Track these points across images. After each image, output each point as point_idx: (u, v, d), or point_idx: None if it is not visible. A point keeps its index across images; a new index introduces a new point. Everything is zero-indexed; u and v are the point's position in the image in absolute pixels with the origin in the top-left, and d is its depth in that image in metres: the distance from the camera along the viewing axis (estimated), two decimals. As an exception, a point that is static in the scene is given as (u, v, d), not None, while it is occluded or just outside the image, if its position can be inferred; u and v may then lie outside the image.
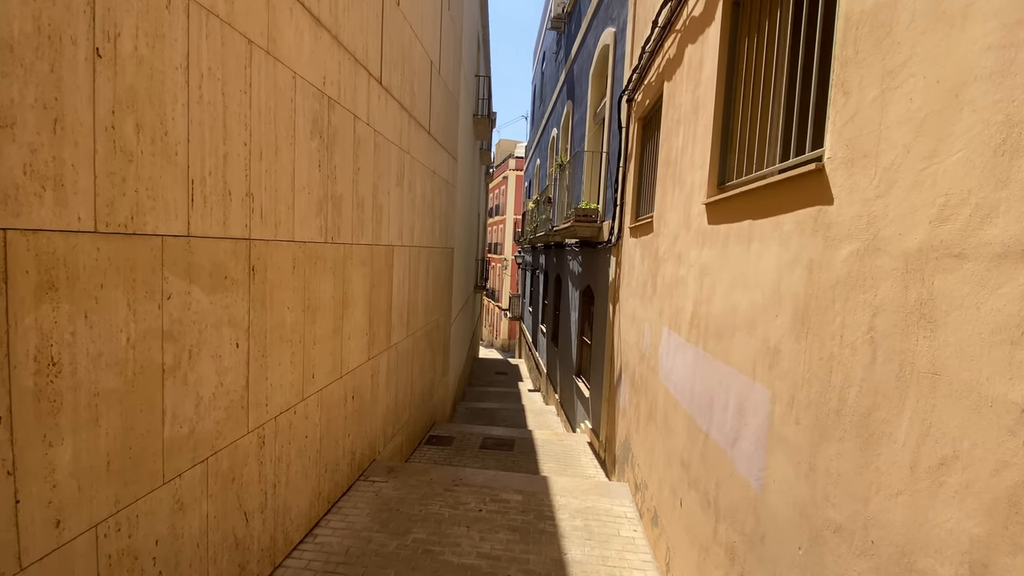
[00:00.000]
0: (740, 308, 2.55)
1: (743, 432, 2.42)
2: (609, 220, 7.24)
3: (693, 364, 3.26)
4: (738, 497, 2.44)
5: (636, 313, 5.33)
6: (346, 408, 4.52)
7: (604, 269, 7.53)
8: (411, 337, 6.59)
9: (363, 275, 4.73)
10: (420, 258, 6.83)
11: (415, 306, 6.69)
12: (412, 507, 4.49)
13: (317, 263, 3.80)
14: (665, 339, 4.06)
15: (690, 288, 3.43)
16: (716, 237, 2.99)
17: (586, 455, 7.31)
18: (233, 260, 2.82)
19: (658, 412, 4.19)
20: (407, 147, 5.89)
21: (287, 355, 3.43)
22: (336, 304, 4.17)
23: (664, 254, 4.22)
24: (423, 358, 7.37)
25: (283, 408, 3.42)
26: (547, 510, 4.57)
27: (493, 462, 6.81)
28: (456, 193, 9.38)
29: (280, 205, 3.25)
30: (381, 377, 5.43)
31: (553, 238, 11.73)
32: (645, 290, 4.93)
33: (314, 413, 3.89)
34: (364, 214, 4.67)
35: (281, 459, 3.45)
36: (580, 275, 9.56)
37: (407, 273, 6.19)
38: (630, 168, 6.20)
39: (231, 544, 2.97)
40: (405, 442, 6.62)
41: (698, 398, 3.12)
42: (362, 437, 5.00)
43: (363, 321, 4.80)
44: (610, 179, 7.39)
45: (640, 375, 4.98)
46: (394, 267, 5.65)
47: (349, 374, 4.53)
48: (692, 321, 3.33)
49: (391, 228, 5.47)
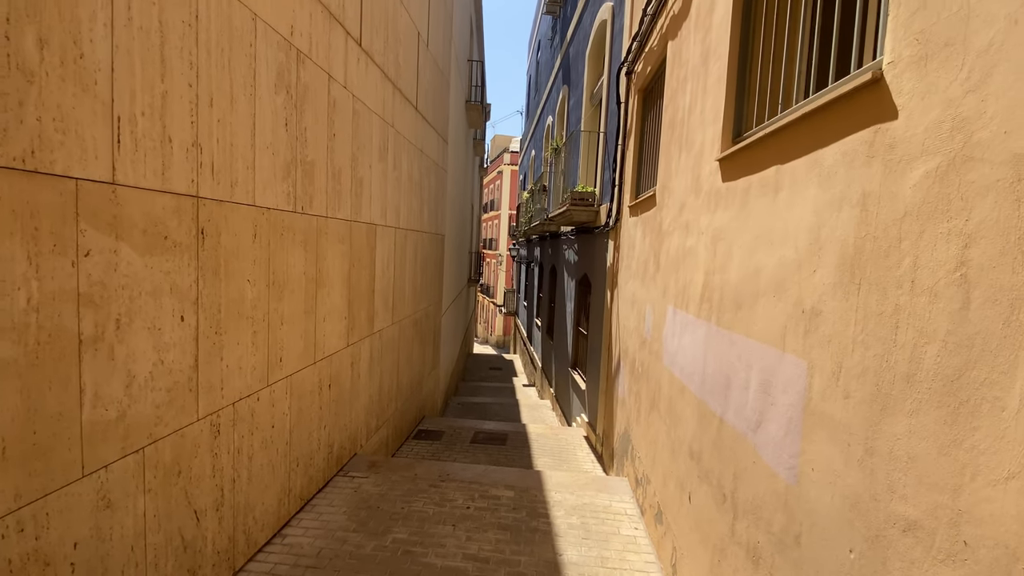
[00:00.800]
0: (764, 270, 2.19)
1: (769, 414, 2.06)
2: (607, 203, 6.88)
3: (704, 342, 2.89)
4: (763, 490, 2.08)
5: (636, 296, 4.96)
6: (321, 397, 4.14)
7: (601, 255, 7.17)
8: (397, 325, 6.21)
9: (340, 253, 4.35)
10: (407, 241, 6.45)
11: (401, 292, 6.31)
12: (394, 504, 4.11)
13: (284, 234, 3.42)
14: (670, 319, 3.70)
15: (700, 258, 3.07)
16: (732, 195, 2.62)
17: (582, 449, 6.95)
18: (175, 219, 2.43)
19: (661, 400, 3.83)
20: (391, 120, 5.50)
21: (247, 334, 3.05)
22: (308, 282, 3.79)
23: (669, 227, 3.85)
24: (411, 348, 7.00)
25: (243, 394, 3.04)
26: (541, 507, 4.20)
27: (484, 457, 6.44)
28: (447, 178, 8.99)
29: (237, 163, 2.87)
30: (363, 365, 5.05)
31: (548, 227, 11.36)
32: (647, 270, 4.57)
33: (282, 401, 3.51)
34: (341, 186, 4.28)
35: (241, 451, 3.07)
36: (576, 264, 9.19)
37: (392, 256, 5.81)
38: (629, 144, 5.84)
39: (177, 547, 2.59)
40: (391, 436, 6.24)
41: (710, 380, 2.76)
42: (341, 429, 4.62)
43: (341, 303, 4.42)
44: (608, 160, 7.03)
45: (641, 362, 4.61)
46: (377, 248, 5.27)
47: (325, 360, 4.15)
48: (703, 295, 2.97)
49: (373, 205, 5.08)
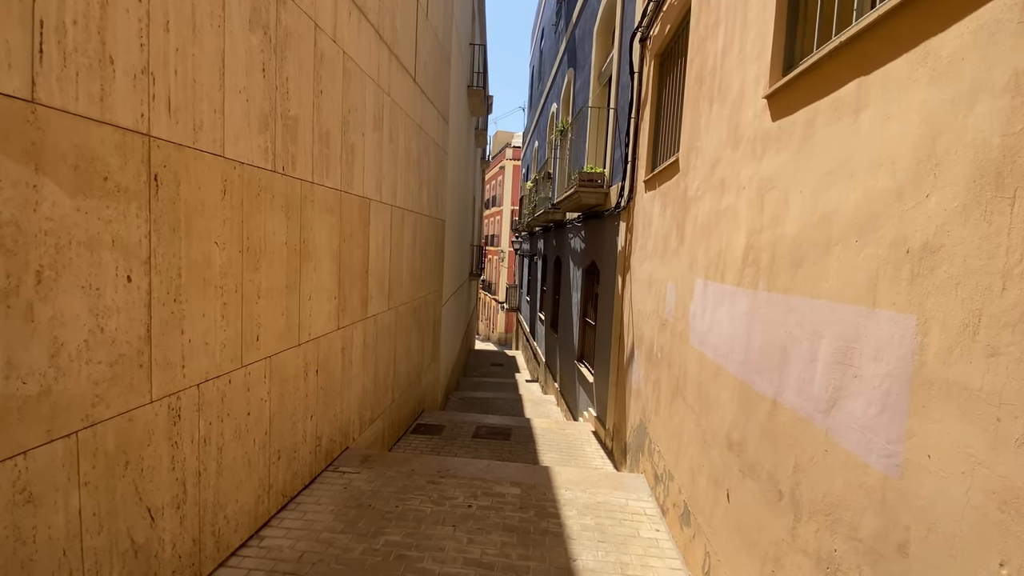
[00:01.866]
0: (840, 212, 1.77)
1: (850, 389, 1.65)
2: (618, 182, 6.46)
3: (748, 313, 2.48)
4: (841, 485, 1.66)
5: (654, 276, 4.55)
6: (307, 384, 3.73)
7: (611, 239, 6.75)
8: (394, 311, 5.80)
9: (329, 225, 3.94)
10: (404, 222, 6.03)
11: (398, 276, 5.90)
12: (387, 502, 3.70)
13: (262, 195, 3.01)
14: (699, 294, 3.28)
15: (741, 217, 2.65)
16: (786, 133, 2.21)
17: (591, 445, 6.54)
18: (119, 157, 2.02)
19: (688, 386, 3.41)
20: (387, 87, 5.09)
21: (215, 305, 2.64)
22: (291, 253, 3.38)
23: (696, 191, 3.44)
24: (409, 337, 6.59)
25: (210, 374, 2.63)
26: (550, 506, 3.79)
27: (487, 452, 6.03)
28: (447, 161, 8.57)
29: (202, 103, 2.46)
30: (355, 351, 4.64)
31: (553, 216, 10.94)
32: (667, 245, 4.15)
33: (260, 385, 3.10)
34: (330, 151, 3.87)
35: (209, 440, 2.66)
36: (583, 252, 8.78)
37: (388, 235, 5.40)
38: (644, 115, 5.42)
39: (126, 551, 2.18)
40: (387, 429, 5.83)
41: (757, 356, 2.35)
42: (331, 420, 4.21)
43: (330, 281, 4.01)
44: (619, 138, 6.61)
45: (660, 347, 4.20)
46: (371, 225, 4.86)
47: (311, 343, 3.74)
48: (746, 258, 2.55)
49: (367, 178, 4.67)
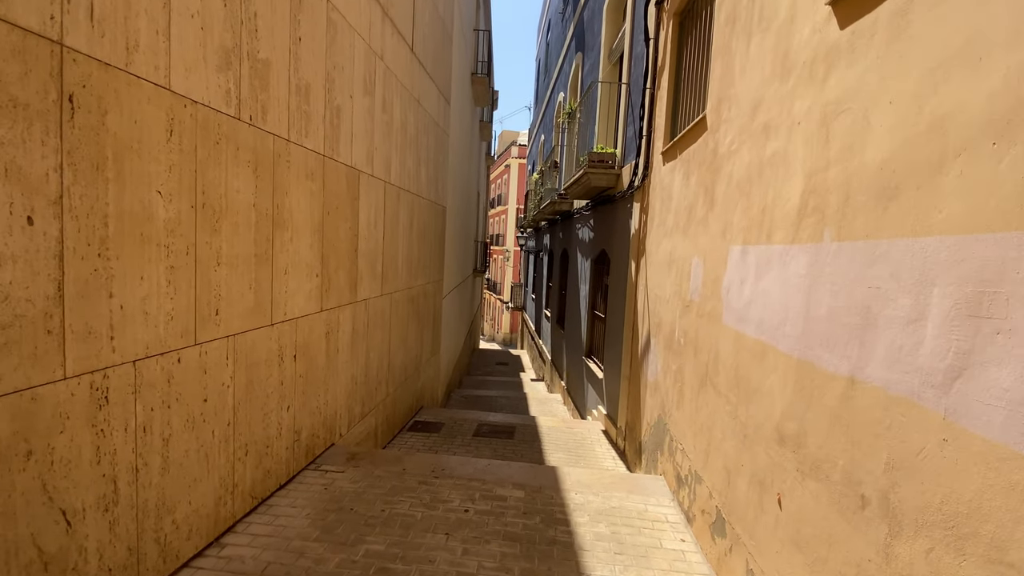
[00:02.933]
0: (962, 113, 1.31)
1: (991, 351, 1.19)
2: (631, 161, 6.00)
3: (808, 274, 2.01)
4: (977, 486, 1.20)
5: (675, 254, 4.08)
6: (283, 370, 3.28)
7: (623, 223, 6.29)
8: (388, 297, 5.35)
9: (309, 192, 3.49)
10: (400, 202, 5.59)
11: (393, 260, 5.45)
12: (372, 506, 3.25)
13: (222, 144, 2.56)
14: (736, 264, 2.81)
15: (796, 159, 2.18)
16: (865, 37, 1.74)
17: (601, 445, 6.06)
18: (17, 64, 1.59)
19: (720, 372, 2.94)
20: (379, 50, 4.65)
21: (159, 267, 2.20)
22: (261, 218, 2.93)
23: (731, 145, 2.97)
24: (405, 327, 6.13)
25: (152, 350, 2.18)
26: (558, 511, 3.32)
27: (488, 451, 5.56)
28: (448, 144, 8.13)
29: (138, 19, 2.02)
30: (343, 338, 4.19)
31: (560, 206, 10.49)
32: (692, 216, 3.68)
33: (220, 368, 2.65)
34: (310, 107, 3.43)
35: (151, 429, 2.22)
36: (592, 241, 8.31)
37: (381, 214, 4.95)
38: (662, 82, 4.96)
39: (29, 562, 1.74)
40: (381, 425, 5.38)
41: (824, 325, 1.88)
42: (312, 413, 3.76)
43: (310, 257, 3.56)
44: (631, 114, 6.15)
45: (683, 332, 3.72)
46: (361, 199, 4.41)
47: (288, 324, 3.30)
48: (804, 207, 2.09)
49: (356, 146, 4.23)
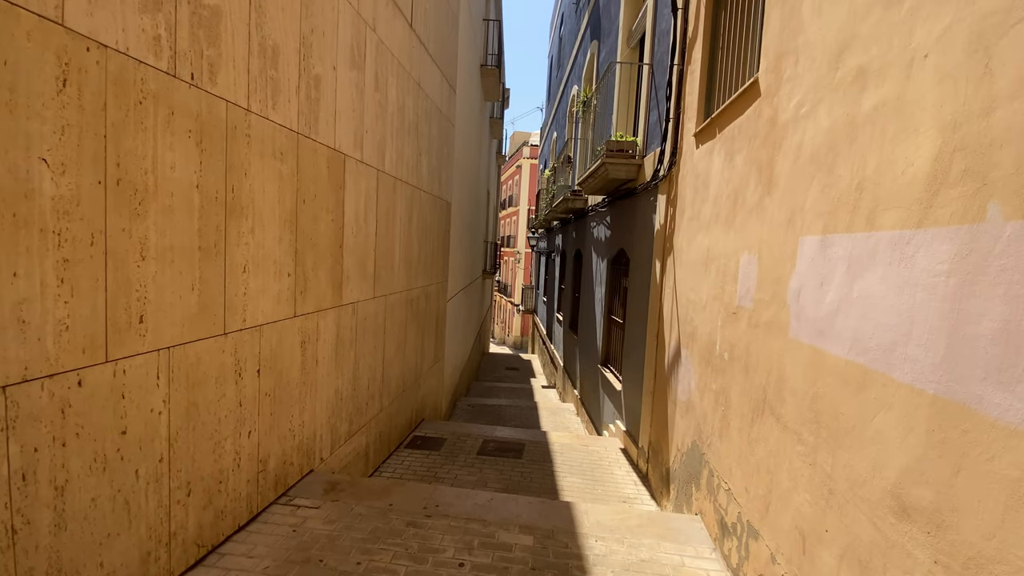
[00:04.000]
0: None
1: None
2: (655, 149, 5.38)
3: (954, 272, 1.39)
4: None
5: (715, 250, 3.45)
6: (241, 388, 2.71)
7: (645, 218, 5.66)
8: (381, 300, 4.77)
9: (279, 175, 2.92)
10: (397, 194, 5.01)
11: (388, 258, 4.88)
12: (346, 557, 2.66)
13: (147, 105, 2.00)
14: (810, 259, 2.19)
15: (923, 107, 1.57)
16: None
17: (620, 466, 5.43)
18: None
19: (788, 400, 2.31)
20: (371, 20, 4.08)
21: (45, 260, 1.63)
22: (209, 203, 2.36)
23: (799, 108, 2.35)
24: (402, 333, 5.55)
25: (32, 371, 1.61)
26: (575, 566, 2.70)
27: (493, 474, 4.96)
28: (454, 135, 7.55)
29: (-3, -85, 1.45)
30: (324, 347, 3.62)
31: (573, 204, 9.87)
32: (739, 203, 3.06)
33: (146, 391, 2.08)
34: (279, 73, 2.86)
35: (34, 475, 1.65)
36: (608, 240, 7.68)
37: (373, 206, 4.38)
38: (693, 56, 4.34)
39: None
40: (373, 444, 4.80)
41: (991, 347, 1.27)
42: (283, 437, 3.18)
43: (279, 252, 2.99)
44: (655, 97, 5.53)
45: (729, 344, 3.10)
46: (347, 188, 3.84)
47: (248, 332, 2.72)
48: (941, 173, 1.47)
49: (341, 127, 3.66)
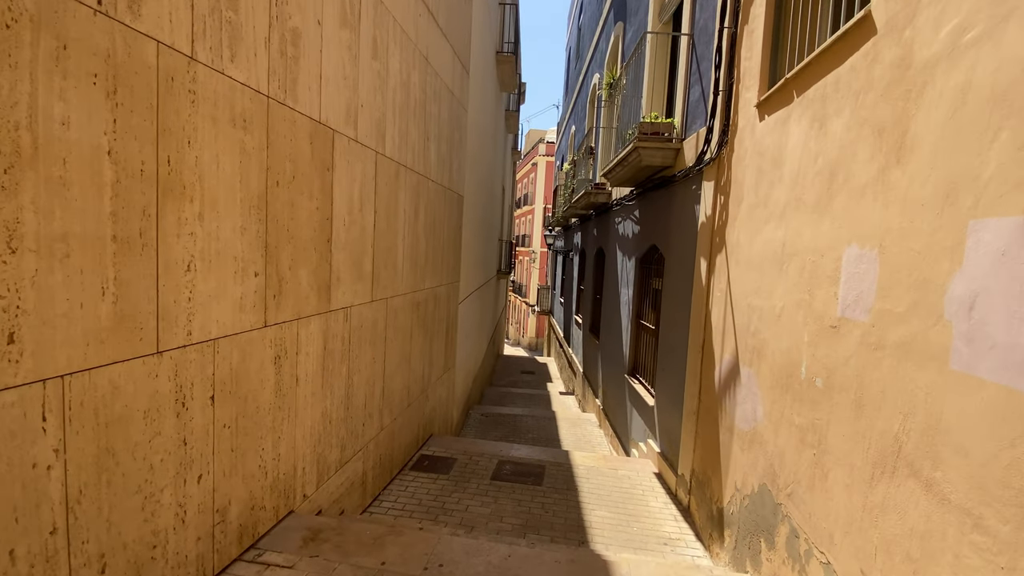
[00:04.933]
0: None
1: None
2: (697, 130, 4.67)
3: None
4: None
5: (798, 243, 2.76)
6: (186, 422, 2.07)
7: (685, 210, 4.95)
8: (382, 304, 4.13)
9: (240, 147, 2.28)
10: (401, 182, 4.37)
11: (390, 256, 4.23)
12: (319, 648, 2.00)
13: (19, 30, 1.36)
14: (994, 254, 1.50)
15: None
16: None
17: (655, 495, 4.73)
18: None
19: (952, 460, 1.63)
20: (367, -30, 3.43)
21: None
22: (127, 175, 1.73)
23: (958, 35, 1.67)
24: (407, 341, 4.91)
25: None
26: (622, 665, 2.02)
27: (510, 505, 4.29)
28: (467, 121, 6.89)
29: None
30: (306, 362, 2.98)
31: (595, 199, 9.16)
32: (839, 181, 2.37)
33: (18, 443, 1.45)
34: (239, 16, 2.22)
35: None
36: (637, 236, 6.96)
37: (371, 194, 3.73)
38: (751, 13, 3.62)
39: None
40: (373, 469, 4.16)
41: None
42: (250, 476, 2.55)
43: (242, 245, 2.35)
44: (697, 70, 4.82)
45: (827, 367, 2.40)
46: (337, 170, 3.20)
47: (195, 349, 2.09)
48: None
49: (328, 95, 3.02)
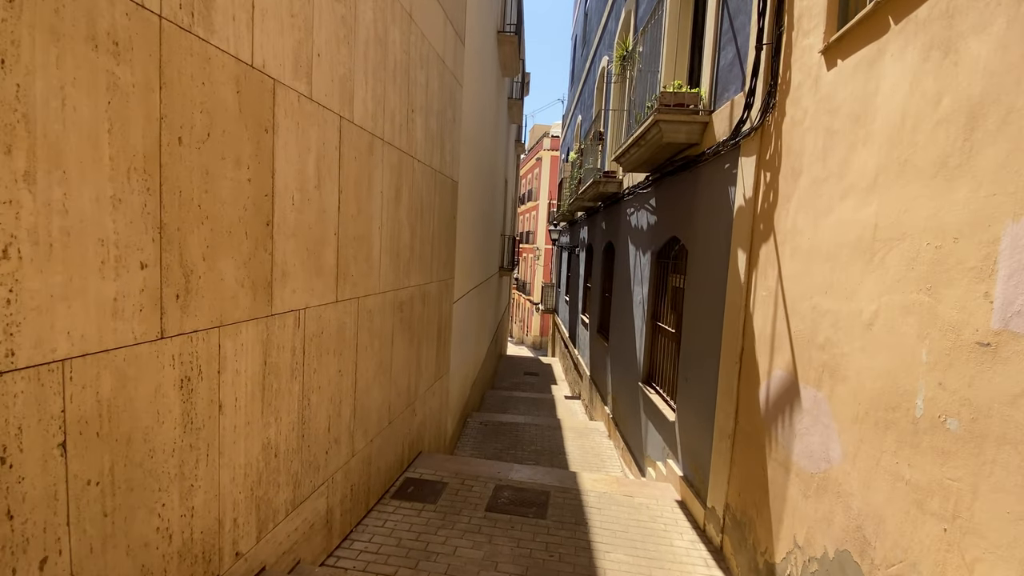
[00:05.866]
0: None
1: None
2: (730, 99, 3.92)
3: None
4: None
5: (905, 224, 2.03)
6: (9, 487, 1.35)
7: (716, 194, 4.20)
8: (351, 304, 3.40)
9: (110, 83, 1.56)
10: (377, 158, 3.64)
11: (361, 247, 3.51)
12: None
13: None
14: None
15: None
16: None
17: (680, 531, 3.99)
18: None
19: None
20: None
21: None
22: None
23: None
24: (387, 347, 4.18)
25: None
26: None
27: (507, 547, 3.56)
28: (462, 98, 6.15)
29: None
30: (234, 384, 2.26)
31: (605, 188, 8.42)
32: (986, 133, 1.61)
33: None
34: None
35: None
36: (653, 227, 6.22)
37: (334, 169, 3.01)
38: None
39: None
40: (340, 506, 3.44)
41: None
42: (139, 546, 1.84)
43: (112, 221, 1.63)
44: (730, 28, 4.07)
45: (969, 404, 1.68)
46: (280, 132, 2.47)
47: (23, 376, 1.37)
48: None
49: (263, 29, 2.29)
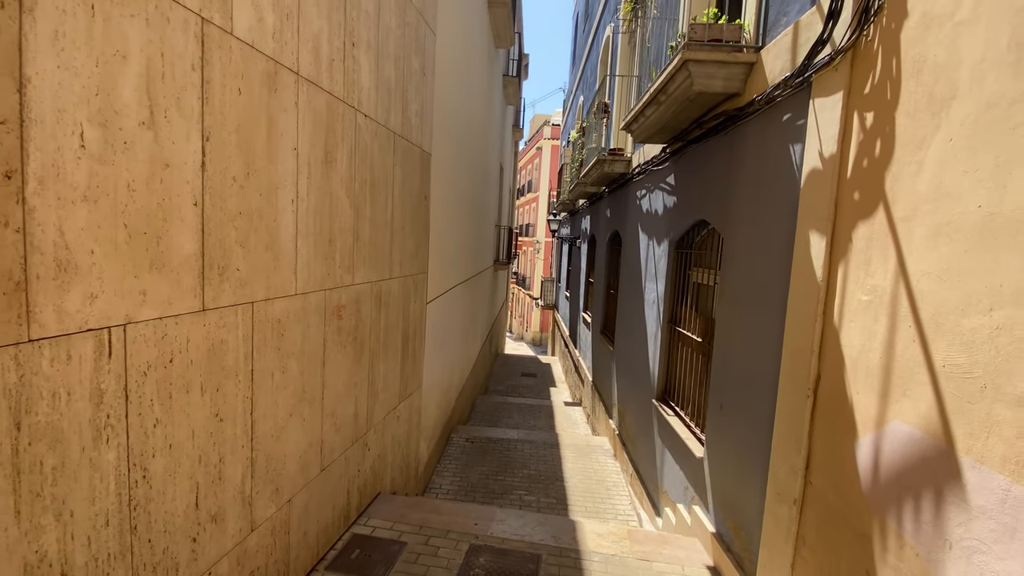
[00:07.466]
0: None
1: None
2: (792, 21, 2.80)
3: None
4: None
5: None
6: None
7: (768, 158, 3.09)
8: (240, 312, 2.30)
9: None
10: (287, 98, 2.52)
11: (258, 225, 2.40)
12: None
13: None
14: None
15: None
16: None
17: (721, 621, 2.89)
18: None
19: None
20: None
21: None
22: None
23: None
24: (314, 369, 3.07)
25: None
26: None
27: (479, 665, 2.46)
28: (435, 48, 4.99)
29: None
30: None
31: (610, 169, 7.29)
32: None
33: None
34: None
35: None
36: (672, 210, 5.09)
37: (194, 101, 1.89)
38: None
39: None
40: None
41: None
42: None
43: None
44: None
45: None
46: (40, 10, 1.35)
47: None
48: None
49: None
